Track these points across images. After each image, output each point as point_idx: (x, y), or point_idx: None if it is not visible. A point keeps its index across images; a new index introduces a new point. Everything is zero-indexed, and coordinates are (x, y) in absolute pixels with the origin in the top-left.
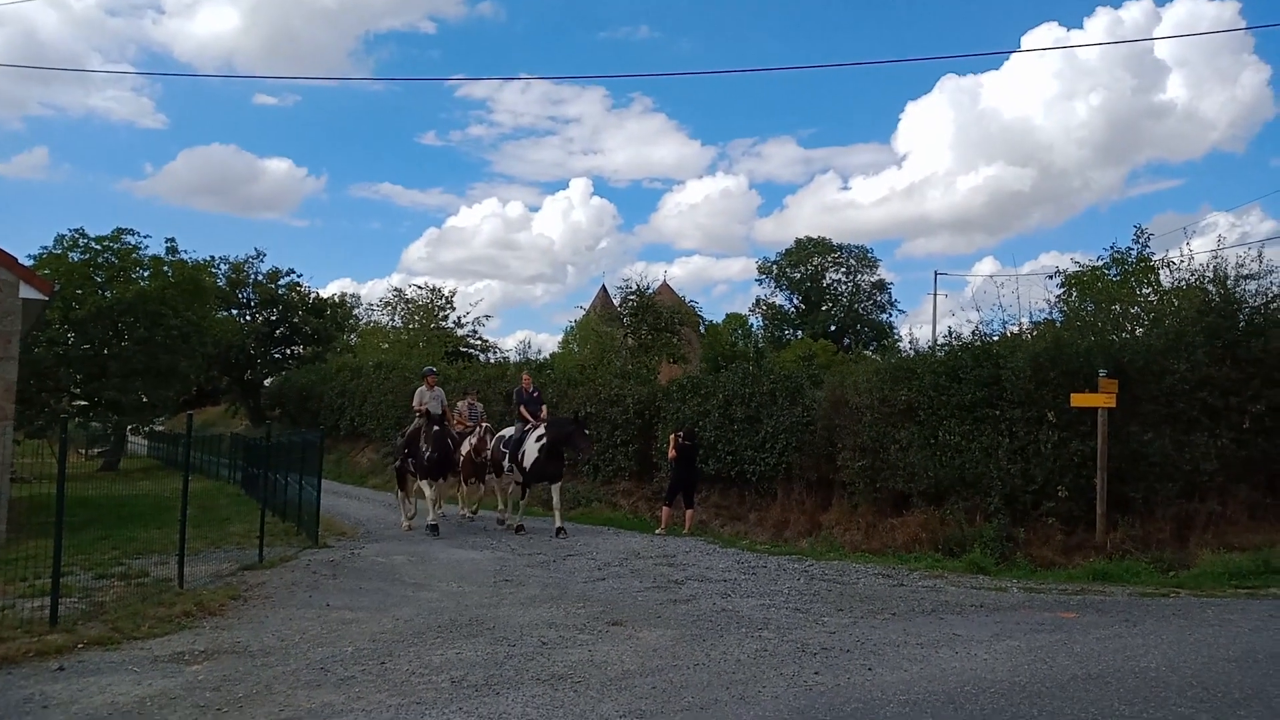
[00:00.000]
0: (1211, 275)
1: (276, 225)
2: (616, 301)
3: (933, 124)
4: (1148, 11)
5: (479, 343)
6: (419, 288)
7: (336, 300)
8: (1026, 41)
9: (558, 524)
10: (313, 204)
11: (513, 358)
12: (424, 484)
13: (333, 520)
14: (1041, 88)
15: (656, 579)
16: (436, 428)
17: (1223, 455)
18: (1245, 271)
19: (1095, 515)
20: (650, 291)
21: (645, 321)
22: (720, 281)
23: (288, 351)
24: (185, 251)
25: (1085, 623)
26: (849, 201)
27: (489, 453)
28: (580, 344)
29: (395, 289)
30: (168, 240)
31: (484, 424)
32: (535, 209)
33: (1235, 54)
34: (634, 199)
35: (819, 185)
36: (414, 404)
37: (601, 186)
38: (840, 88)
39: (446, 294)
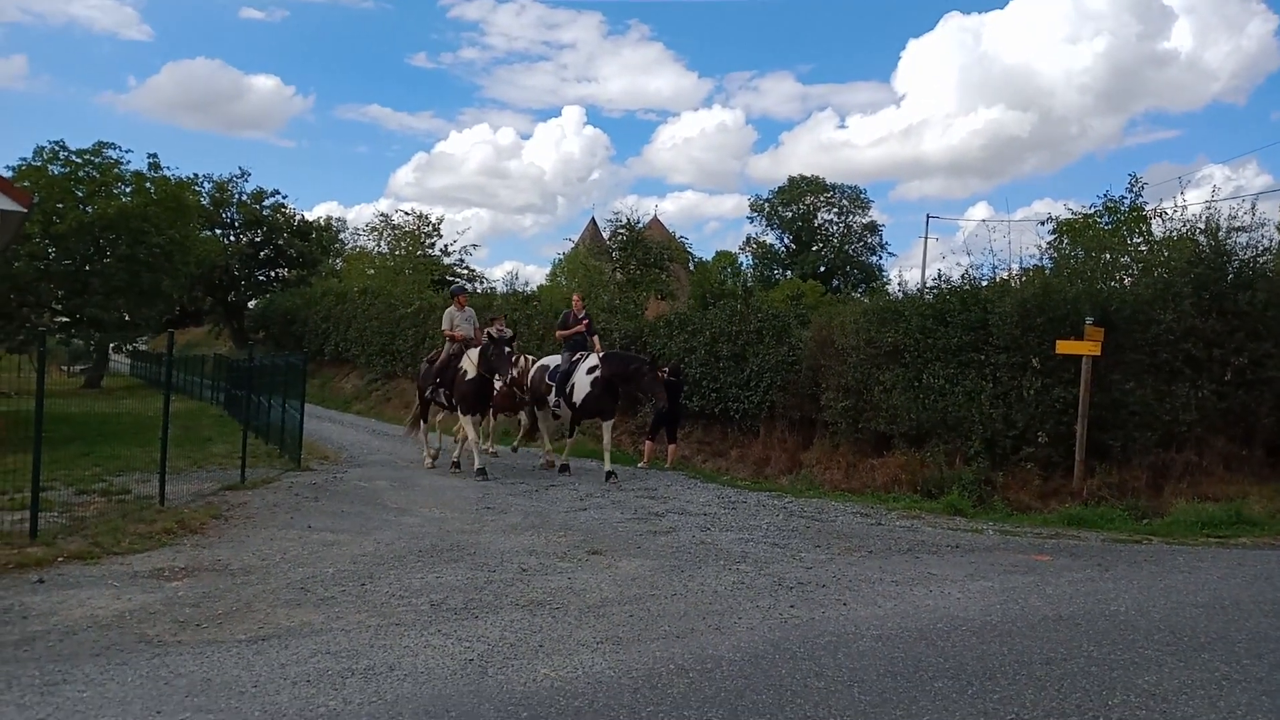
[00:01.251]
0: (1203, 226)
1: (262, 145)
2: (606, 235)
3: (934, 64)
4: None
5: (466, 272)
6: (406, 214)
7: (322, 224)
8: None
9: (608, 466)
10: (299, 124)
11: (500, 288)
12: (466, 420)
13: (315, 444)
14: (1046, 30)
15: (637, 511)
16: (496, 350)
17: (1202, 406)
18: (1237, 224)
19: (1074, 462)
20: (640, 226)
21: (634, 256)
22: (713, 218)
23: (272, 274)
24: (168, 168)
25: (1059, 566)
26: (845, 141)
27: (528, 383)
28: (569, 277)
29: (382, 214)
30: (150, 156)
31: (522, 355)
32: (527, 137)
33: (1243, 2)
34: (628, 130)
35: (816, 123)
36: (444, 327)
37: (595, 116)
38: (842, 22)
39: (434, 221)
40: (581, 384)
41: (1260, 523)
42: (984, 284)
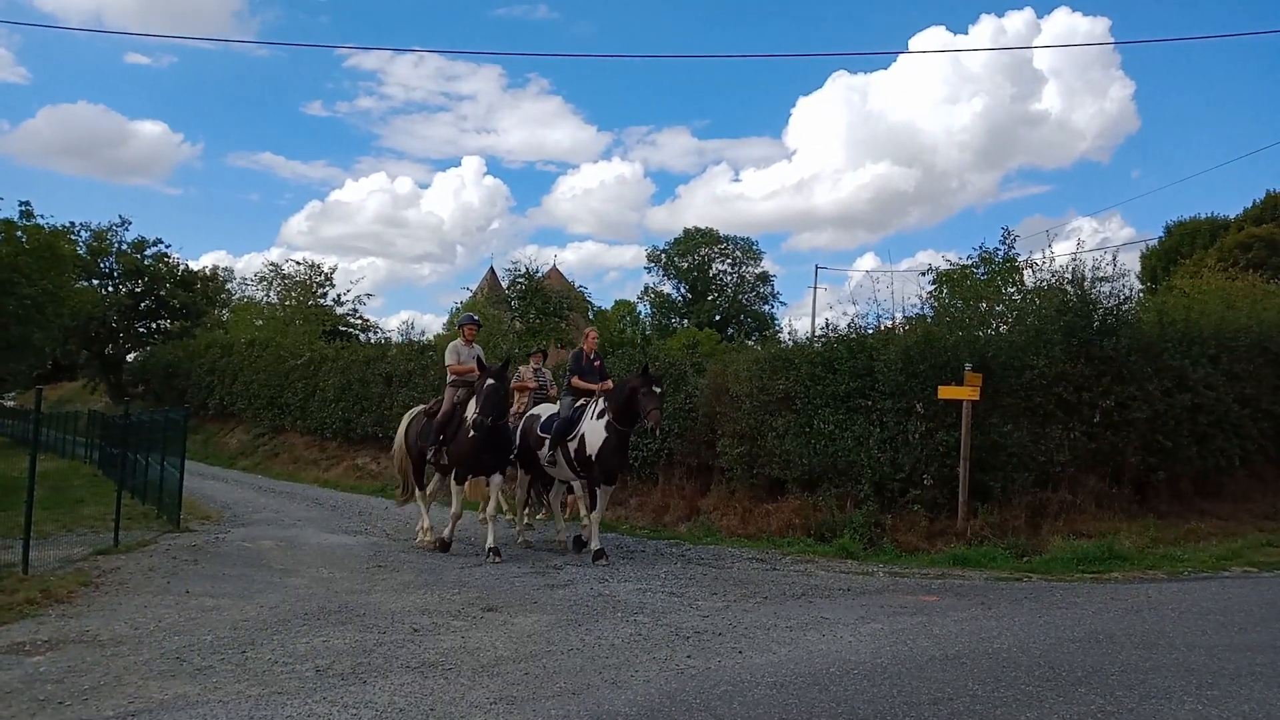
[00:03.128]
0: (1070, 277)
1: (147, 191)
2: (505, 284)
3: (823, 120)
4: (1029, 22)
5: (359, 322)
6: (298, 263)
7: (208, 273)
8: (914, 44)
9: (595, 543)
10: (187, 171)
11: (395, 338)
12: (457, 489)
13: (196, 503)
14: (928, 90)
15: (534, 564)
16: (491, 383)
17: (1074, 447)
18: (1100, 274)
19: (957, 503)
20: (539, 275)
21: (534, 305)
22: (612, 268)
23: (153, 326)
24: (42, 216)
25: (945, 606)
26: (739, 194)
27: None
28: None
29: (272, 264)
30: (22, 204)
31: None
32: (425, 186)
33: (1105, 69)
34: (528, 181)
35: (711, 176)
36: (449, 363)
37: (495, 166)
38: (735, 80)
39: (326, 270)
40: (594, 433)
41: (1130, 557)
42: (870, 332)
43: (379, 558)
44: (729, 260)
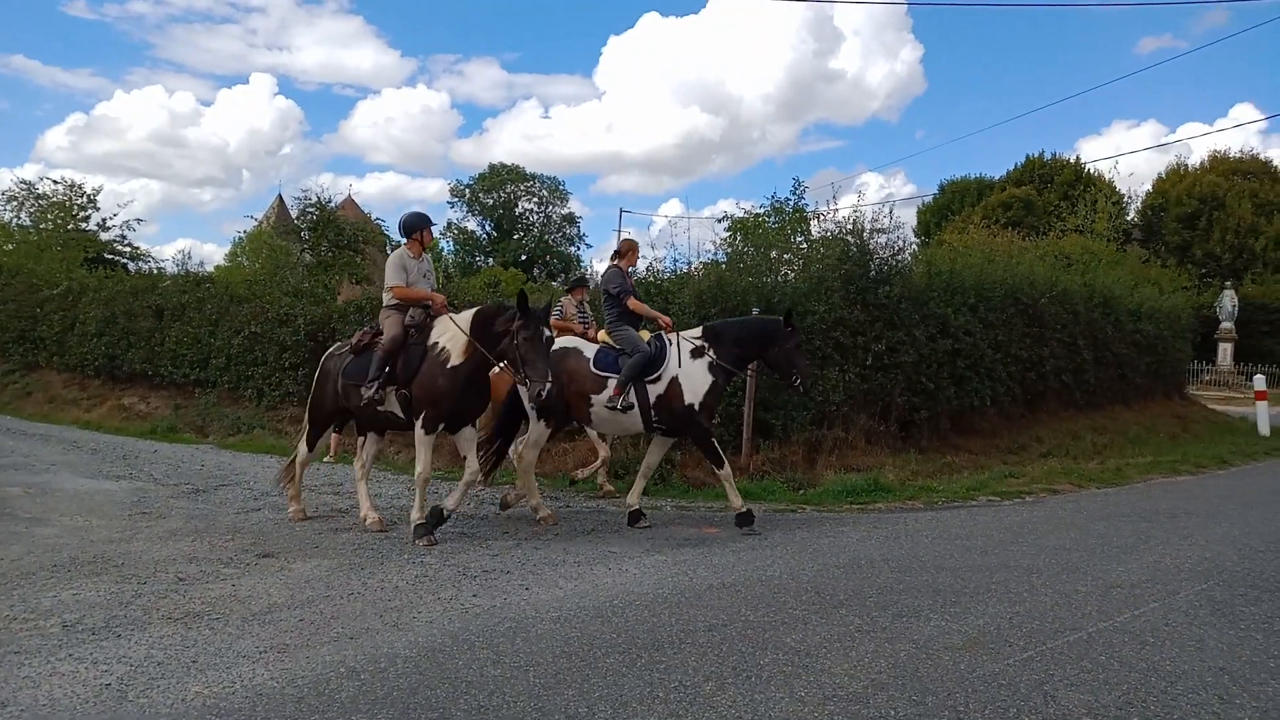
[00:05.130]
0: (851, 228)
1: None
2: (295, 214)
3: (633, 63)
4: None
5: (128, 249)
6: (55, 182)
7: None
8: None
9: (634, 504)
10: None
11: (170, 268)
12: (424, 441)
13: None
14: (736, 39)
15: (318, 508)
16: (543, 332)
17: (849, 388)
18: (878, 226)
19: (742, 440)
20: (333, 206)
21: (326, 238)
22: (415, 201)
23: None
24: None
25: (725, 537)
26: (548, 132)
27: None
28: (251, 257)
29: (25, 182)
30: None
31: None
32: (208, 104)
33: (898, 31)
34: (323, 104)
35: (521, 111)
36: (394, 282)
37: (287, 87)
38: (547, 12)
39: (89, 192)
40: (694, 375)
41: (893, 489)
42: (667, 276)
43: (144, 504)
44: (535, 199)
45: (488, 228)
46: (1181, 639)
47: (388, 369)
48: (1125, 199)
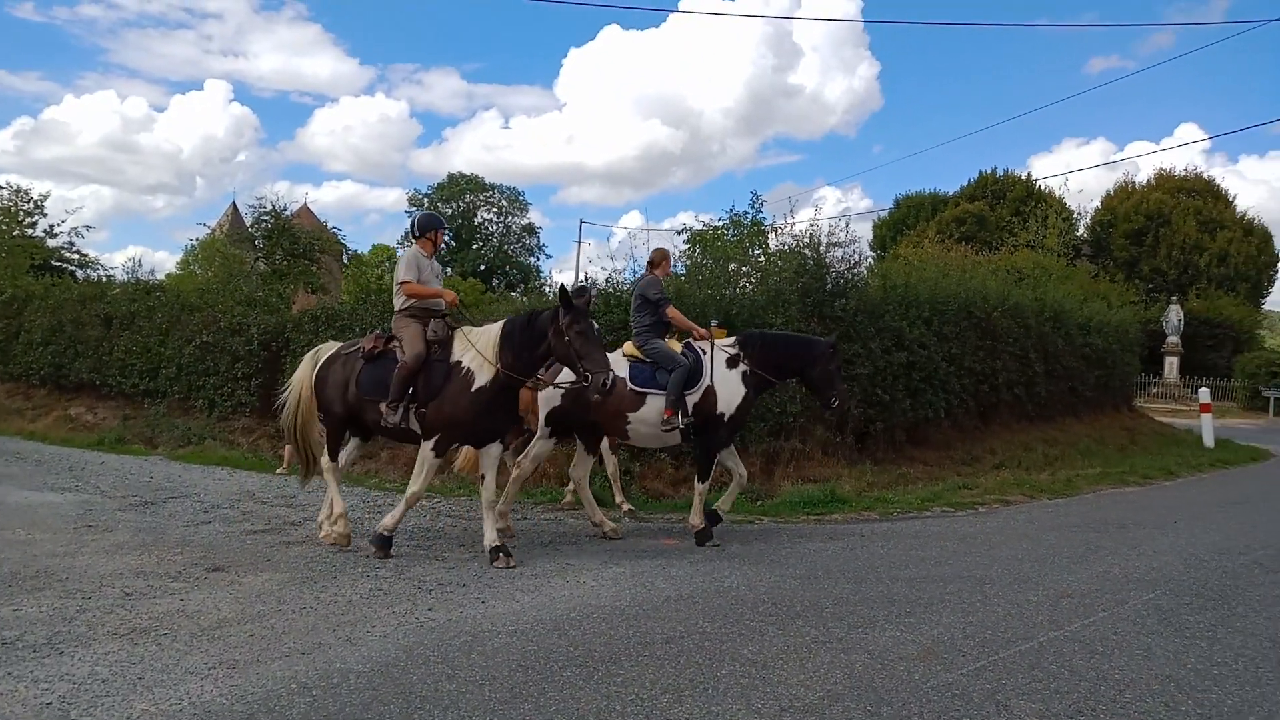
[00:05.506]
0: (807, 242)
1: None
2: (249, 221)
3: (594, 75)
4: None
5: (76, 256)
6: (1, 187)
7: None
8: (685, 4)
9: (697, 522)
10: None
11: (120, 275)
12: (429, 459)
13: None
14: (698, 54)
15: (270, 520)
16: (592, 325)
17: (805, 399)
18: (834, 240)
19: None
20: (288, 214)
21: (280, 246)
22: (373, 210)
23: None
24: None
25: (683, 549)
26: (508, 143)
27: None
28: (204, 265)
29: None
30: None
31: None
32: (161, 110)
33: (855, 48)
34: (280, 111)
35: (481, 122)
36: (406, 279)
37: (243, 93)
38: (508, 23)
39: (36, 197)
40: (728, 386)
41: (849, 500)
42: (626, 287)
43: (90, 516)
44: (495, 209)
45: (446, 237)
46: (1129, 648)
47: (409, 388)
48: (1075, 215)
